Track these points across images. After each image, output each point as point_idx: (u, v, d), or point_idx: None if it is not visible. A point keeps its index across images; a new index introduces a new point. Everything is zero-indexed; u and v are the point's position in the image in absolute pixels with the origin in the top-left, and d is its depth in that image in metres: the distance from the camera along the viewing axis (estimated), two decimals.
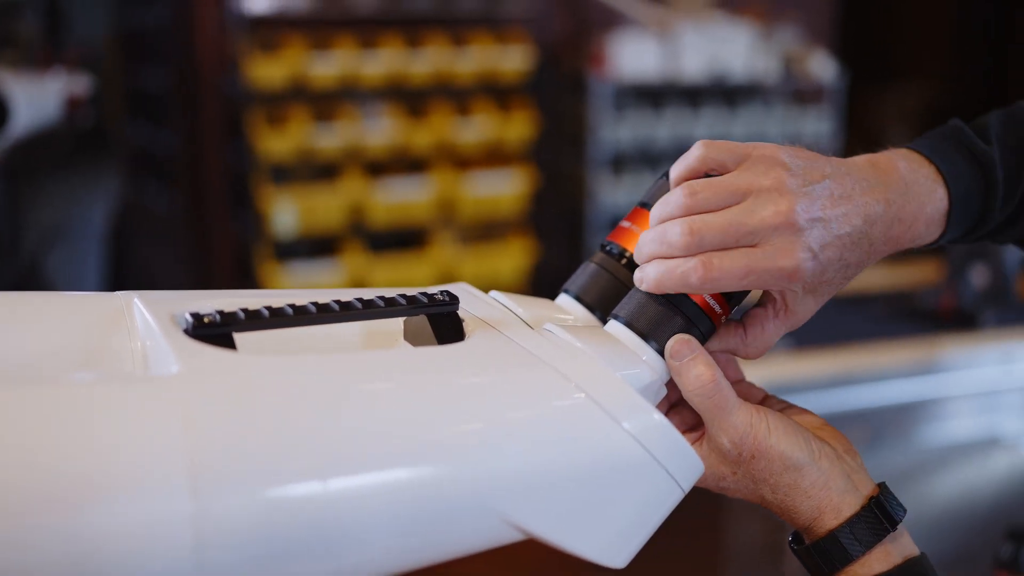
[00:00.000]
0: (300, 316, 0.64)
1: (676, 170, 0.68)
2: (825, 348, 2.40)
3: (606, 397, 0.62)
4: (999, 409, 2.54)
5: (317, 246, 3.85)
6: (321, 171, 3.79)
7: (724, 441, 0.65)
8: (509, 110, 3.93)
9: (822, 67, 4.29)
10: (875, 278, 3.05)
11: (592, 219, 4.10)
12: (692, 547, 2.02)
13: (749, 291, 0.71)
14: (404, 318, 0.71)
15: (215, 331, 0.62)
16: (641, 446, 0.62)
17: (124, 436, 0.50)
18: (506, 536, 0.59)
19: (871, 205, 0.64)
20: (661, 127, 4.09)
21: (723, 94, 4.25)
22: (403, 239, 3.94)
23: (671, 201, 0.65)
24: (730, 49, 4.09)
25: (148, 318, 0.64)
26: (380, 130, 3.70)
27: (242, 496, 0.51)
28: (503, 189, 3.91)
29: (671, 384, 0.70)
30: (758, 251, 0.62)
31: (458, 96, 3.90)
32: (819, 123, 4.36)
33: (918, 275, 3.07)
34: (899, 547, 0.64)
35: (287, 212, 3.61)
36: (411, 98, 3.84)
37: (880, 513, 0.64)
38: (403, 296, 0.68)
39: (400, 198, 3.75)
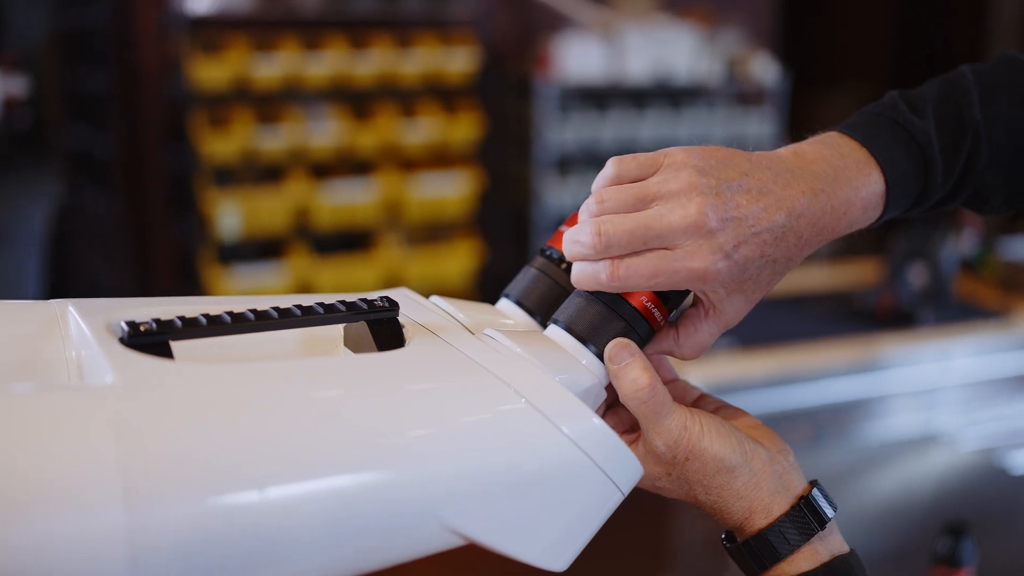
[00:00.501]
0: (238, 324, 0.63)
1: (593, 187, 0.69)
2: (767, 348, 2.43)
3: (546, 402, 0.62)
4: (937, 406, 2.59)
5: (262, 249, 3.82)
6: (265, 173, 3.76)
7: (659, 444, 0.66)
8: (455, 112, 3.93)
9: (765, 69, 4.35)
10: (815, 278, 3.10)
11: (538, 220, 4.11)
12: (636, 543, 2.03)
13: (687, 294, 0.72)
14: (344, 324, 0.71)
15: (151, 340, 0.61)
16: (581, 451, 0.62)
17: (56, 448, 0.49)
18: (447, 542, 0.59)
19: (795, 198, 0.63)
20: (606, 129, 4.11)
21: (667, 96, 4.29)
22: (349, 241, 3.92)
23: (584, 208, 0.66)
24: (674, 51, 4.12)
25: (83, 327, 0.64)
26: (325, 132, 3.68)
27: (178, 508, 0.50)
28: (449, 191, 3.91)
29: (609, 386, 0.70)
30: (669, 253, 0.63)
31: (403, 97, 3.89)
32: (762, 125, 4.41)
33: (858, 275, 3.12)
34: (827, 545, 0.65)
35: (231, 215, 3.57)
36: (356, 99, 3.82)
37: (809, 512, 0.65)
38: (343, 302, 0.67)
39: (345, 200, 3.73)
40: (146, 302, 0.69)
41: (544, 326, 0.75)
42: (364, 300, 0.68)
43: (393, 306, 0.68)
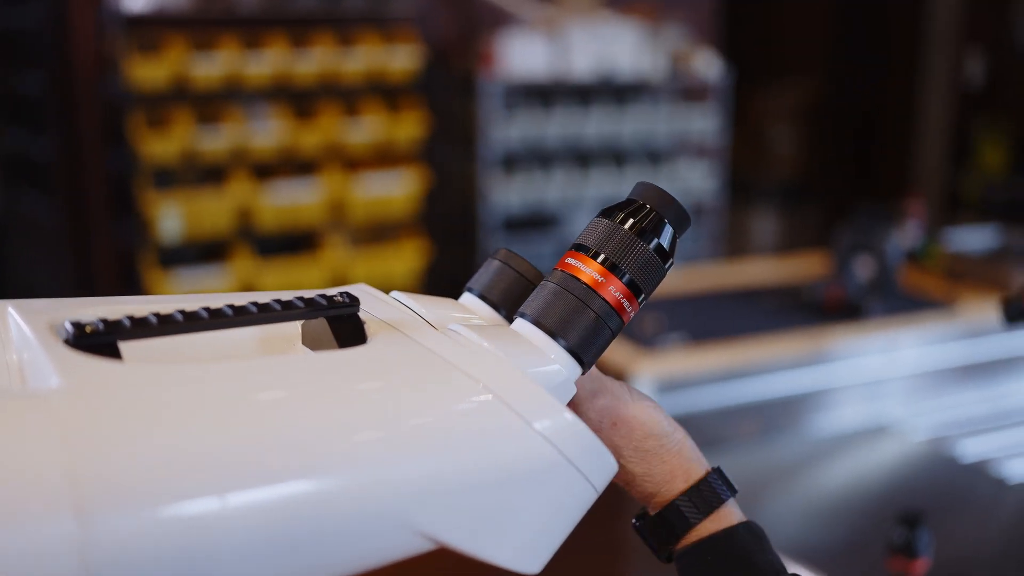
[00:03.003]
0: (191, 322, 0.60)
1: None
2: (718, 342, 2.43)
3: (516, 398, 0.60)
4: (886, 397, 2.61)
5: (204, 251, 3.75)
6: (206, 174, 3.69)
7: (590, 410, 0.70)
8: (398, 110, 3.89)
9: (708, 65, 4.36)
10: (763, 272, 3.11)
11: (484, 219, 4.09)
12: (590, 539, 2.02)
13: (659, 282, 0.70)
14: (302, 322, 0.68)
15: (98, 341, 0.58)
16: (553, 447, 0.60)
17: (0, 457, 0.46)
18: (418, 546, 0.56)
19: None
20: (551, 126, 4.10)
21: (612, 92, 4.29)
22: (293, 242, 3.87)
23: None
24: (618, 48, 4.12)
25: (24, 328, 0.60)
26: (267, 131, 3.62)
27: (131, 518, 0.47)
28: (394, 190, 3.87)
29: None
30: None
31: (346, 96, 3.84)
32: (705, 120, 4.43)
33: (804, 268, 3.13)
34: (738, 512, 0.70)
35: (172, 217, 3.50)
36: (298, 99, 3.77)
37: (722, 479, 0.70)
38: (301, 299, 0.64)
39: (289, 200, 3.68)
40: (92, 301, 0.65)
41: (510, 320, 0.73)
42: (323, 296, 0.65)
43: (353, 302, 0.65)
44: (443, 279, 4.23)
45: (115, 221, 3.77)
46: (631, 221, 0.70)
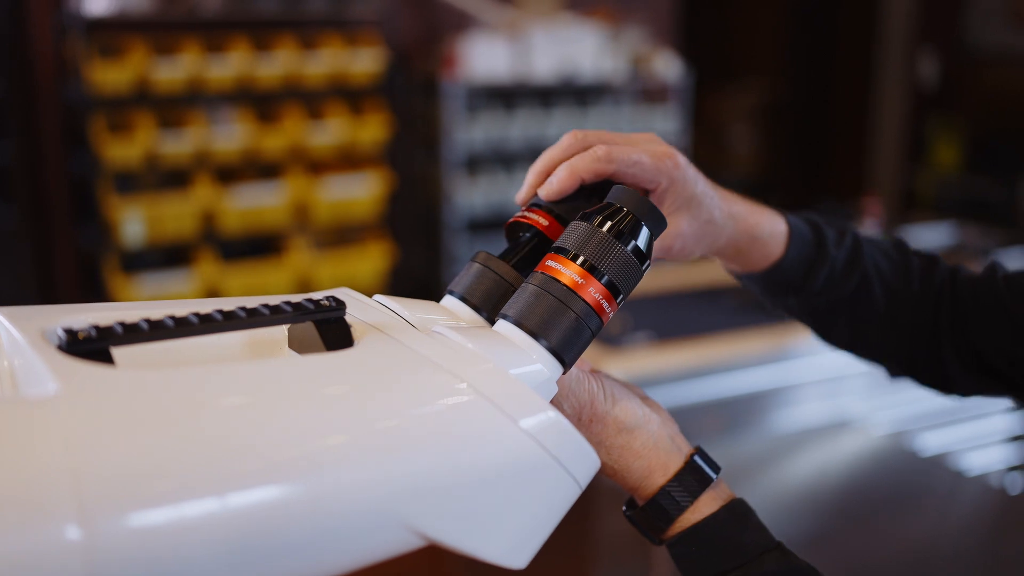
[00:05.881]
0: (181, 328, 0.61)
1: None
2: (682, 340, 2.46)
3: (501, 397, 0.62)
4: (847, 393, 2.66)
5: (168, 256, 3.73)
6: (169, 178, 3.67)
7: (566, 407, 0.71)
8: (362, 113, 3.89)
9: (668, 67, 4.40)
10: (725, 272, 3.14)
11: (448, 220, 4.10)
12: (560, 536, 2.04)
13: (636, 283, 0.72)
14: (289, 326, 0.69)
15: (91, 347, 0.59)
16: (539, 444, 0.61)
17: (2, 465, 0.47)
18: (409, 543, 0.58)
19: (729, 193, 0.83)
20: (514, 127, 4.12)
21: (574, 94, 4.31)
22: (257, 246, 3.86)
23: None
24: (579, 50, 4.15)
25: (16, 335, 0.61)
26: (230, 135, 3.61)
27: (135, 521, 0.48)
28: (358, 192, 3.87)
29: None
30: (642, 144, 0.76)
31: (309, 99, 3.84)
32: (666, 121, 4.47)
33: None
34: (721, 492, 0.71)
35: (134, 221, 3.48)
36: (261, 102, 3.76)
37: (702, 466, 0.71)
38: (288, 303, 0.66)
39: (253, 204, 3.67)
40: (82, 308, 0.66)
41: (491, 322, 0.74)
42: (310, 300, 0.67)
43: (340, 305, 0.67)
44: (408, 281, 4.23)
45: (77, 226, 3.74)
46: (609, 224, 0.72)
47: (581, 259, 0.70)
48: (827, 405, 2.63)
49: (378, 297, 0.76)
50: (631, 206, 0.73)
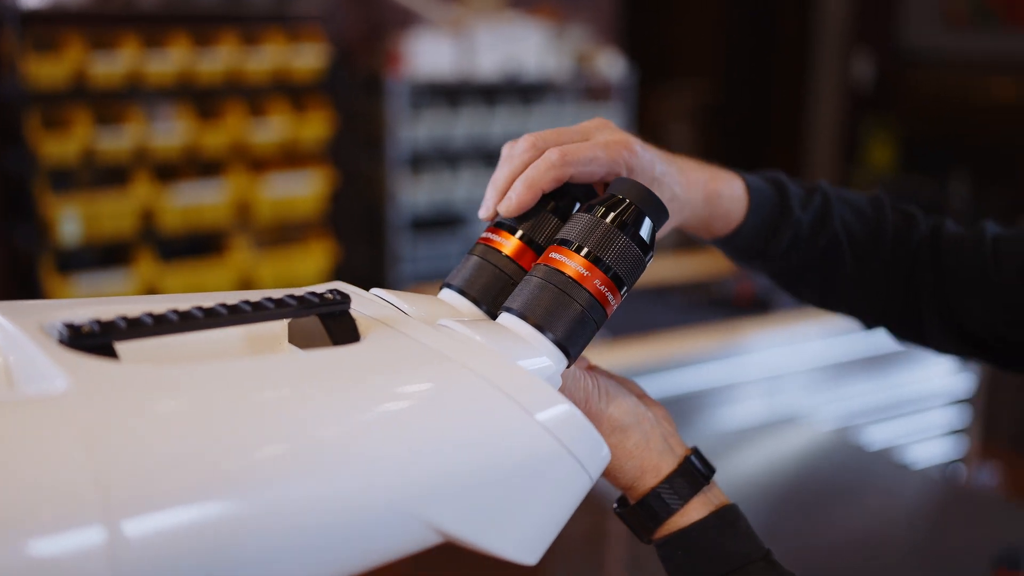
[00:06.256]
0: (186, 322, 0.60)
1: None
2: (635, 337, 2.47)
3: (516, 390, 0.61)
4: (794, 388, 2.69)
5: (105, 255, 3.65)
6: (107, 175, 3.59)
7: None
8: (304, 110, 3.85)
9: (611, 65, 4.42)
10: (673, 269, 3.17)
11: (392, 219, 4.08)
12: None
13: (640, 273, 0.72)
14: (290, 320, 0.67)
15: (95, 342, 0.57)
16: (555, 438, 0.61)
17: (24, 466, 0.45)
18: (427, 540, 0.57)
19: (689, 162, 0.83)
20: (458, 125, 4.11)
21: (518, 92, 4.31)
22: (198, 245, 3.79)
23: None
24: (523, 48, 4.15)
25: (13, 329, 0.59)
26: (170, 132, 3.54)
27: (159, 521, 0.47)
28: (301, 191, 3.83)
29: None
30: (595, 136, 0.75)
31: (251, 96, 3.78)
32: (611, 119, 4.48)
33: (708, 265, 3.20)
34: (713, 497, 0.71)
35: (71, 219, 3.40)
36: (202, 98, 3.70)
37: (694, 469, 0.70)
38: (292, 296, 0.64)
39: (193, 202, 3.61)
40: (78, 303, 0.64)
41: (491, 315, 0.74)
42: (313, 294, 0.65)
43: (344, 299, 0.65)
44: (350, 280, 4.18)
45: (11, 224, 3.64)
46: (612, 215, 0.71)
47: (585, 250, 0.70)
48: (773, 401, 2.66)
49: (376, 291, 0.75)
50: (633, 196, 0.73)
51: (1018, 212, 4.43)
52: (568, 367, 0.70)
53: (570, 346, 0.69)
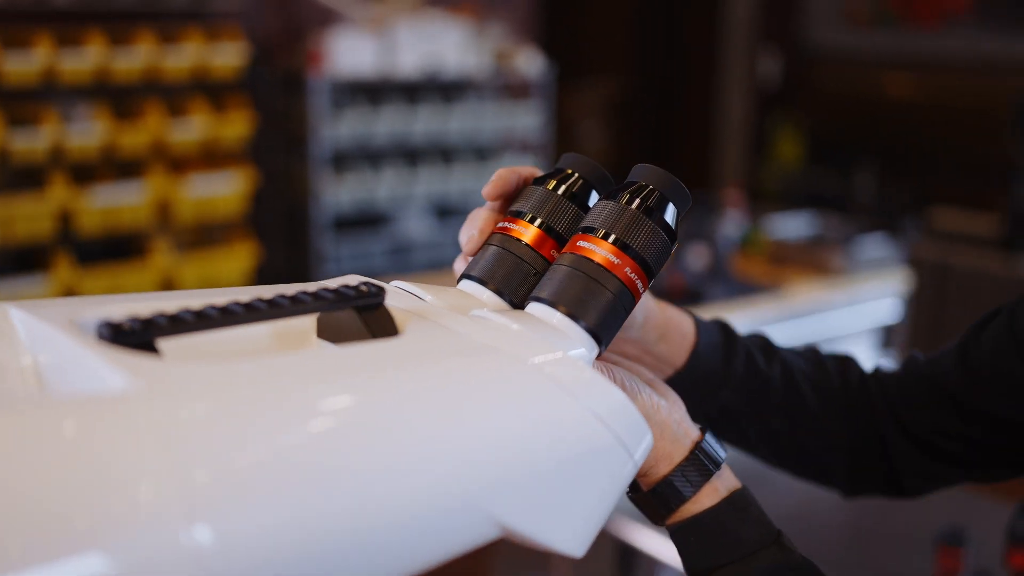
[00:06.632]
0: (227, 317, 0.58)
1: None
2: None
3: (568, 379, 0.60)
4: None
5: (20, 259, 3.52)
6: (22, 177, 3.47)
7: None
8: (224, 109, 3.77)
9: (530, 63, 4.43)
10: None
11: (315, 219, 4.02)
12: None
13: (666, 260, 0.72)
14: (318, 314, 0.66)
15: (136, 339, 0.54)
16: (607, 427, 0.60)
17: (109, 470, 0.43)
18: (487, 535, 0.56)
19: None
20: (380, 124, 4.07)
21: (439, 90, 4.29)
22: (117, 248, 3.68)
23: None
24: (444, 46, 4.13)
25: (45, 329, 0.56)
26: (86, 132, 3.43)
27: (245, 522, 0.45)
28: (222, 191, 3.75)
29: None
30: None
31: (170, 95, 3.69)
32: (529, 117, 4.50)
33: None
34: (724, 482, 0.71)
35: None
36: (119, 97, 3.59)
37: (705, 455, 0.70)
38: (326, 290, 0.63)
39: (112, 204, 3.50)
40: (97, 300, 0.62)
41: (514, 305, 0.73)
42: (347, 287, 0.63)
43: (380, 291, 0.64)
44: (274, 281, 4.12)
45: None
46: (637, 201, 0.71)
47: (612, 237, 0.69)
48: None
49: (397, 283, 0.73)
50: (656, 183, 0.72)
51: (923, 205, 4.57)
52: (599, 355, 0.69)
53: (602, 333, 0.68)
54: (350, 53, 3.93)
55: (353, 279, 0.72)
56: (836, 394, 0.93)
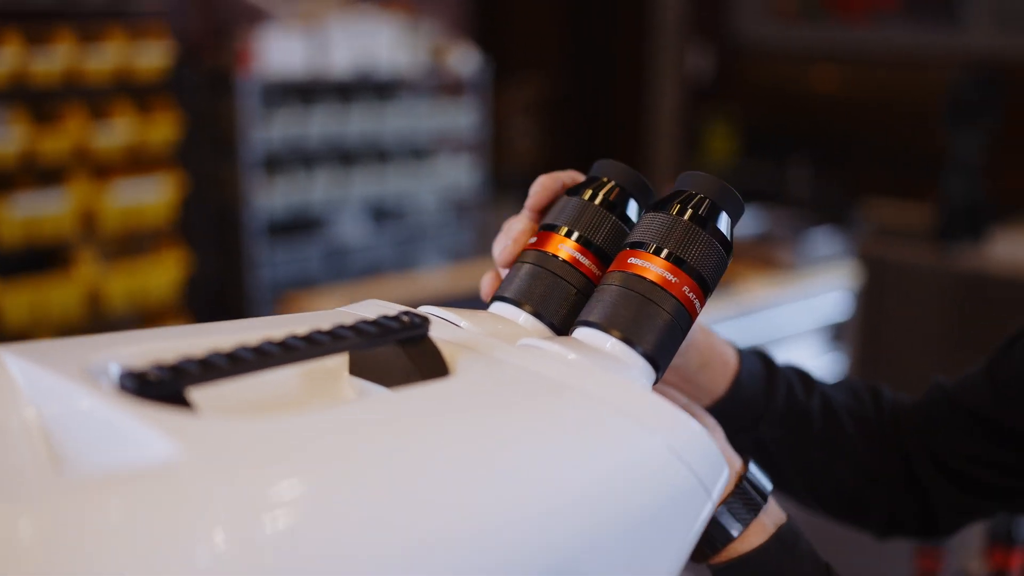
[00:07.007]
0: (262, 358, 0.50)
1: None
2: None
3: (643, 412, 0.54)
4: None
5: None
6: None
7: None
8: (150, 111, 3.62)
9: (465, 60, 4.36)
10: None
11: (247, 224, 3.90)
12: None
13: (721, 273, 0.66)
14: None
15: (166, 390, 0.47)
16: (683, 462, 0.54)
17: (176, 558, 0.35)
18: None
19: None
20: (312, 125, 3.96)
21: (372, 89, 4.19)
22: (40, 259, 3.52)
23: None
24: (377, 43, 4.04)
25: (50, 377, 0.48)
26: (3, 138, 3.26)
27: None
28: (149, 197, 3.61)
29: None
30: None
31: (92, 97, 3.53)
32: (466, 115, 4.42)
33: None
34: (771, 516, 0.65)
35: None
36: (38, 101, 3.43)
37: (752, 488, 0.65)
38: (365, 322, 0.55)
39: (33, 213, 3.34)
40: (104, 341, 0.53)
41: (554, 328, 0.66)
42: (387, 317, 0.56)
43: (423, 322, 0.57)
44: (206, 290, 4.00)
45: None
46: (689, 211, 0.65)
47: (666, 252, 0.63)
48: None
49: (426, 308, 0.66)
50: (706, 190, 0.67)
51: (855, 196, 4.61)
52: (655, 382, 0.63)
53: (660, 359, 0.62)
54: (280, 52, 3.82)
55: (383, 306, 0.65)
56: (873, 426, 0.88)
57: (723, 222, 0.66)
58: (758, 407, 0.83)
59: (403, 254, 4.37)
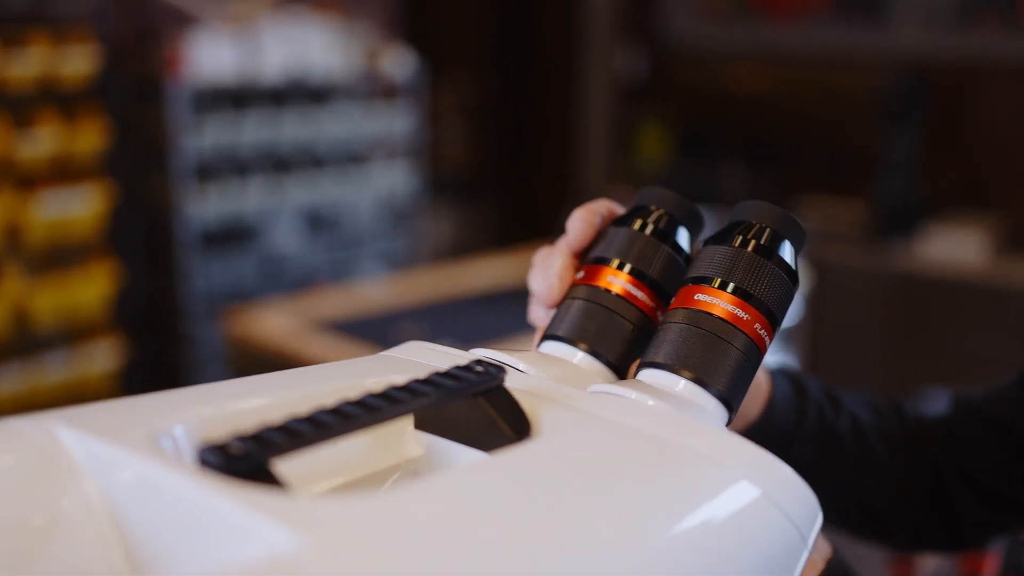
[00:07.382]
0: (346, 422, 0.46)
1: None
2: (489, 344, 2.38)
3: (741, 461, 0.51)
4: None
5: None
6: None
7: None
8: (76, 119, 3.49)
9: (400, 62, 4.30)
10: (492, 272, 3.10)
11: (179, 235, 3.79)
12: None
13: (788, 307, 0.63)
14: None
15: (252, 464, 0.42)
16: (781, 510, 0.51)
17: None
18: None
19: None
20: (245, 131, 3.87)
21: (307, 93, 4.11)
22: None
23: None
24: (310, 47, 3.96)
25: (110, 450, 0.43)
26: None
27: None
28: (77, 209, 3.48)
29: None
30: None
31: (14, 105, 3.39)
32: (401, 118, 4.36)
33: (527, 265, 3.15)
34: (819, 551, 0.59)
35: None
36: None
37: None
38: (439, 374, 0.51)
39: None
40: (155, 402, 0.49)
41: (611, 366, 0.63)
42: (460, 367, 0.52)
43: (499, 371, 0.53)
44: (138, 304, 3.87)
45: None
46: (753, 243, 0.62)
47: (732, 286, 0.60)
48: None
49: (478, 351, 0.62)
50: (767, 219, 0.64)
51: (789, 194, 4.66)
52: (728, 423, 0.60)
53: (733, 400, 0.60)
54: (210, 57, 3.72)
55: (432, 350, 0.60)
56: (900, 442, 0.87)
57: (787, 252, 0.63)
58: (790, 430, 0.81)
59: (339, 262, 4.30)
